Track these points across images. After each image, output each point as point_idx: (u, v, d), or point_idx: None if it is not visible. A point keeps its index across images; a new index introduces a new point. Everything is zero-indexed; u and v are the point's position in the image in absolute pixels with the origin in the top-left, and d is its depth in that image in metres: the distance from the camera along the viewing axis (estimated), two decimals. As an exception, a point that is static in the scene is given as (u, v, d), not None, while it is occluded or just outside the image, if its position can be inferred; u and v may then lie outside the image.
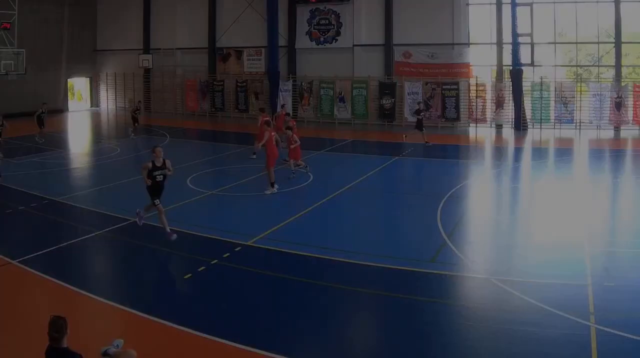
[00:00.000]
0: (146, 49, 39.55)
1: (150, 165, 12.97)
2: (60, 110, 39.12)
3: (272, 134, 18.21)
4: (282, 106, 28.06)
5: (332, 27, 35.41)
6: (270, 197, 17.55)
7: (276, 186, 17.84)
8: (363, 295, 10.73)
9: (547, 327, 9.09)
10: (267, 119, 20.91)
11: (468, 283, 11.32)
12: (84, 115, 41.47)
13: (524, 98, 32.99)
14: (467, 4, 34.20)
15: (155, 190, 13.06)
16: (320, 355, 8.65)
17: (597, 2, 32.92)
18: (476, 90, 33.75)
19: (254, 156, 22.35)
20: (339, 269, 11.83)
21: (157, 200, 13.05)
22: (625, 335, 8.68)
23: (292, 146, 19.21)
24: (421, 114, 27.53)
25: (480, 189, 19.81)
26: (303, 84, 35.81)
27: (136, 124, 29.66)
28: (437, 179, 20.65)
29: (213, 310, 9.99)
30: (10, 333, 8.97)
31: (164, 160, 13.09)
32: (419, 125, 27.34)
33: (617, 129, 32.61)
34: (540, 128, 32.80)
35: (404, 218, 16.01)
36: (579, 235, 13.76)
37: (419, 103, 29.44)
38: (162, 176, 13.09)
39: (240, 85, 37.04)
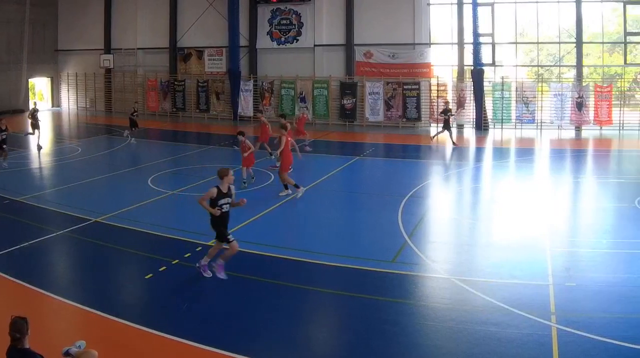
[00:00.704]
0: (107, 49, 38.69)
1: (215, 192, 10.81)
2: (21, 110, 37.85)
3: (289, 139, 17.83)
4: (303, 109, 27.19)
5: (293, 27, 34.77)
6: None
7: (290, 190, 17.31)
8: (324, 295, 10.65)
9: (508, 327, 9.04)
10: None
11: (429, 283, 11.22)
12: (45, 115, 39.92)
13: (485, 98, 32.60)
14: (428, 4, 33.71)
15: (223, 221, 11.01)
16: (282, 354, 8.52)
17: (558, 2, 32.59)
18: (437, 90, 33.27)
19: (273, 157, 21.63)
20: (300, 269, 11.75)
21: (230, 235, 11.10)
22: (586, 335, 8.63)
23: (245, 154, 17.79)
24: (448, 113, 26.63)
25: (441, 189, 19.55)
26: (264, 83, 35.10)
27: (134, 128, 27.76)
28: (399, 179, 20.44)
29: (174, 310, 9.81)
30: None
31: (229, 186, 10.99)
32: (446, 125, 26.50)
33: (578, 129, 32.27)
34: (502, 128, 32.40)
35: (365, 218, 15.77)
36: (540, 235, 13.68)
37: (445, 102, 28.60)
38: (228, 205, 11.04)
39: (201, 85, 36.31)
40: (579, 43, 32.39)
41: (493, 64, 33.27)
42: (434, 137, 27.53)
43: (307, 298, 10.53)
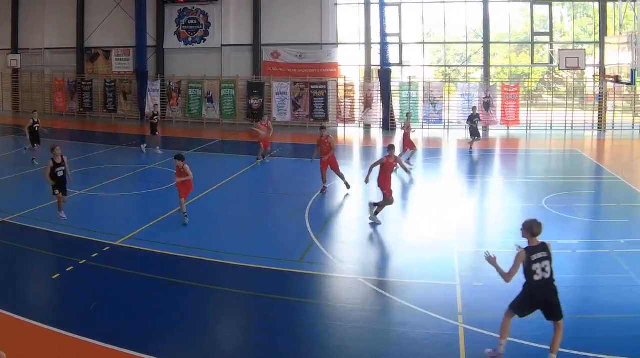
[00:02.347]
0: (15, 49, 36.83)
1: (51, 163, 13.75)
2: None
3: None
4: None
5: (201, 27, 33.47)
6: (138, 198, 17.22)
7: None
8: (231, 295, 10.51)
9: (415, 327, 8.95)
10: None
11: (337, 283, 11.06)
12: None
13: (392, 98, 31.67)
14: (336, 4, 32.65)
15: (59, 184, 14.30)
16: (188, 354, 8.32)
17: (466, 2, 31.77)
18: (344, 90, 32.20)
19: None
20: (208, 269, 11.55)
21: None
22: (493, 334, 8.45)
23: (179, 179, 14.23)
24: (474, 120, 24.56)
25: (349, 189, 18.83)
26: (171, 84, 33.75)
27: (155, 134, 24.53)
28: (306, 179, 19.70)
29: (81, 310, 9.56)
30: None
31: (62, 158, 14.14)
32: (474, 132, 24.59)
33: (485, 129, 31.34)
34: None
35: (272, 218, 15.50)
36: (448, 235, 13.45)
37: (473, 108, 26.17)
38: (62, 172, 14.29)
39: (109, 86, 34.86)
40: (486, 43, 31.55)
41: (400, 64, 32.38)
42: (471, 147, 24.94)
43: (215, 298, 10.36)
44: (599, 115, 31.55)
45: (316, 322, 9.31)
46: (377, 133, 31.75)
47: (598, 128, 31.38)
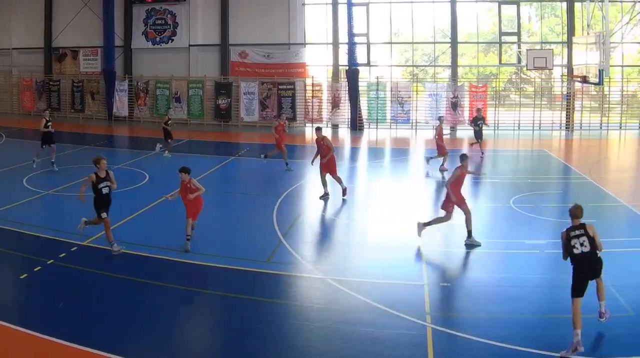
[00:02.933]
0: None
1: (94, 177, 11.86)
2: None
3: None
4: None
5: (168, 27, 33.06)
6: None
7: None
8: (199, 295, 10.46)
9: (383, 327, 8.90)
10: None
11: (304, 283, 11.01)
12: None
13: (360, 98, 31.33)
14: (303, 4, 32.35)
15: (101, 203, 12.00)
16: (156, 354, 8.27)
17: (433, 2, 31.47)
18: (312, 90, 31.87)
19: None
20: (176, 269, 11.43)
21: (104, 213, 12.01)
22: (461, 334, 8.54)
23: (190, 196, 12.37)
24: (478, 122, 23.59)
25: (316, 189, 18.33)
26: (139, 84, 33.29)
27: (169, 140, 23.59)
28: (273, 179, 19.77)
29: (49, 310, 9.47)
30: None
31: (107, 172, 12.03)
32: (478, 135, 23.67)
33: (453, 129, 31.17)
34: (377, 128, 31.33)
35: (240, 219, 15.35)
36: (415, 235, 13.19)
37: (477, 110, 25.23)
38: (108, 189, 12.06)
39: (77, 86, 34.37)
40: (453, 43, 31.29)
41: (368, 64, 32.10)
42: (479, 149, 23.99)
43: (183, 298, 10.27)
44: (566, 115, 31.43)
45: (283, 322, 9.26)
46: (345, 133, 31.61)
47: (566, 128, 31.25)
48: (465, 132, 31.09)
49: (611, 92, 31.97)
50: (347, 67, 31.31)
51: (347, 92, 31.32)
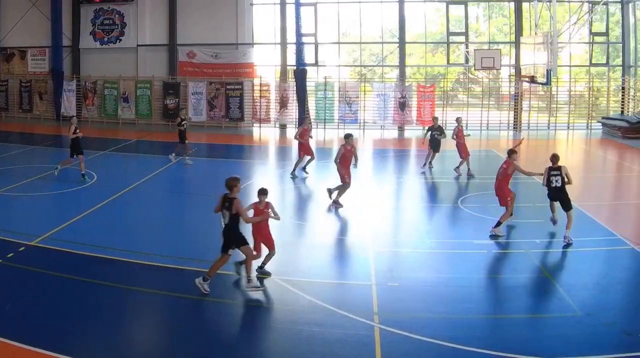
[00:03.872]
0: None
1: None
2: None
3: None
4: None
5: (116, 27, 32.54)
6: (54, 198, 16.66)
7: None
8: (147, 295, 10.24)
9: (331, 327, 8.83)
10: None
11: None
12: None
13: (308, 98, 30.90)
14: (251, 4, 31.92)
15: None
16: (104, 355, 8.12)
17: (381, 2, 31.20)
18: (260, 90, 31.46)
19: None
20: (124, 269, 11.25)
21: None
22: (409, 334, 8.52)
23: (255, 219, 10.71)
24: (433, 133, 21.11)
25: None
26: (87, 84, 32.78)
27: (184, 143, 21.97)
28: (221, 179, 19.31)
29: None
30: None
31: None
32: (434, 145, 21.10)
33: (401, 129, 31.03)
34: (324, 128, 30.93)
35: (188, 218, 15.20)
36: (364, 235, 13.25)
37: (434, 118, 22.41)
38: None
39: (24, 85, 33.78)
40: (401, 43, 31.09)
41: (316, 63, 31.72)
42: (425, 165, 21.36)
43: (131, 298, 10.08)
44: (514, 115, 31.52)
45: (231, 321, 9.21)
46: (292, 133, 31.47)
47: (514, 128, 31.29)
48: (413, 132, 31.15)
49: (559, 92, 32.02)
50: (295, 67, 30.83)
51: (295, 92, 30.93)
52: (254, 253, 10.39)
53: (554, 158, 12.79)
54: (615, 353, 8.08)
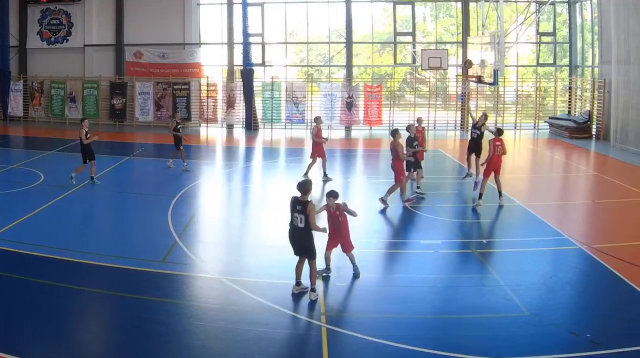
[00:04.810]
0: None
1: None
2: None
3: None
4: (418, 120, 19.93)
5: (63, 27, 32.18)
6: (0, 198, 16.36)
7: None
8: (94, 295, 10.18)
9: (278, 327, 8.87)
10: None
11: (199, 283, 10.86)
12: None
13: (255, 98, 30.70)
14: (198, 4, 31.66)
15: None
16: (51, 355, 8.03)
17: (328, 2, 30.96)
18: (207, 90, 31.21)
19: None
20: (71, 269, 11.13)
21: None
22: (356, 334, 8.55)
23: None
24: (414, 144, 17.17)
25: (211, 189, 18.55)
26: (34, 84, 32.30)
27: (180, 148, 20.48)
28: (168, 179, 19.31)
29: None
30: None
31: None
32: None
33: (348, 129, 30.79)
34: (272, 128, 30.73)
35: (135, 218, 15.03)
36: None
37: (408, 127, 18.22)
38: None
39: None
40: (348, 43, 30.84)
41: (263, 63, 31.48)
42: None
43: (76, 298, 9.96)
44: (461, 115, 31.59)
45: (178, 321, 9.08)
46: (240, 133, 31.45)
47: (460, 128, 31.34)
48: (360, 132, 31.21)
49: (506, 92, 32.03)
50: (242, 67, 30.60)
51: (242, 92, 30.76)
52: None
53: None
54: (562, 353, 8.13)
